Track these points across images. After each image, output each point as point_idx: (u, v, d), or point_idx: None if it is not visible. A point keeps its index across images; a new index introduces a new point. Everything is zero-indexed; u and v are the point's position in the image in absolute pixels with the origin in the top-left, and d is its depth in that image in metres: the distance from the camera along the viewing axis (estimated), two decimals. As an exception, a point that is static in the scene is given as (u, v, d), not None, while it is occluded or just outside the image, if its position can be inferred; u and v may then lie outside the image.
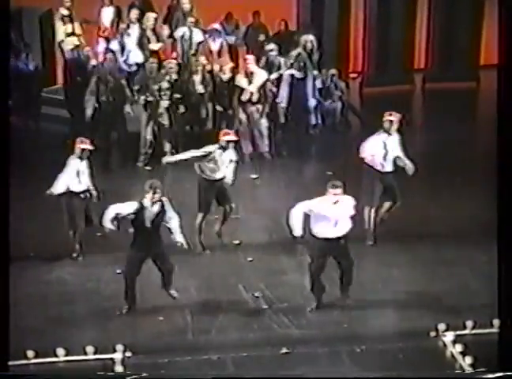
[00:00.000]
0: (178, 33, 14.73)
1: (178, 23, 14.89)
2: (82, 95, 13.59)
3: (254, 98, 13.48)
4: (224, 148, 10.42)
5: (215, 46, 14.79)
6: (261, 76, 13.52)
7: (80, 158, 10.32)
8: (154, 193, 8.92)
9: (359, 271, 9.36)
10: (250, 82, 13.43)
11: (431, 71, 17.68)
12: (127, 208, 8.97)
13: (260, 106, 13.56)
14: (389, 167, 10.48)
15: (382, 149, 10.40)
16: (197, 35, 14.64)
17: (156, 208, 8.99)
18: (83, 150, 10.33)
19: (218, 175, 10.46)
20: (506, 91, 7.53)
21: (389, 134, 10.44)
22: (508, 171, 7.40)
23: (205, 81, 13.86)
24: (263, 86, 13.52)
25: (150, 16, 14.63)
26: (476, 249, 10.12)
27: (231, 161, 10.48)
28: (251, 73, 13.44)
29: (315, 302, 9.20)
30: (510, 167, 7.39)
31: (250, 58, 13.71)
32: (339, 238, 8.95)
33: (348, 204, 8.98)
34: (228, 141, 10.43)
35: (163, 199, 9.05)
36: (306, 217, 8.97)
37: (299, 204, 8.98)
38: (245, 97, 13.44)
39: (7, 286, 7.31)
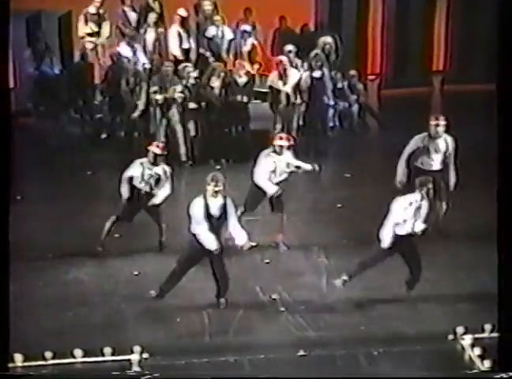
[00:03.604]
0: (209, 32, 14.67)
1: (202, 24, 14.83)
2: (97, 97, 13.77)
3: (291, 98, 13.54)
4: (277, 153, 10.34)
5: (246, 47, 14.85)
6: (294, 75, 13.56)
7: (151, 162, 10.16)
8: (216, 185, 8.81)
9: (377, 272, 9.36)
10: (284, 83, 13.48)
11: (450, 73, 17.62)
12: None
13: (296, 107, 13.61)
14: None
15: None
16: (228, 34, 14.70)
17: (220, 200, 8.88)
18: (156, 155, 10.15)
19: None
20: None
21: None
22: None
23: (225, 85, 13.79)
24: (298, 85, 13.57)
25: (177, 16, 14.57)
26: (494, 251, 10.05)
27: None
28: (285, 74, 13.47)
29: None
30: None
31: (285, 59, 13.70)
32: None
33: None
34: (281, 146, 10.34)
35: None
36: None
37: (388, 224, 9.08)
38: (282, 98, 13.47)
39: (7, 286, 7.34)
